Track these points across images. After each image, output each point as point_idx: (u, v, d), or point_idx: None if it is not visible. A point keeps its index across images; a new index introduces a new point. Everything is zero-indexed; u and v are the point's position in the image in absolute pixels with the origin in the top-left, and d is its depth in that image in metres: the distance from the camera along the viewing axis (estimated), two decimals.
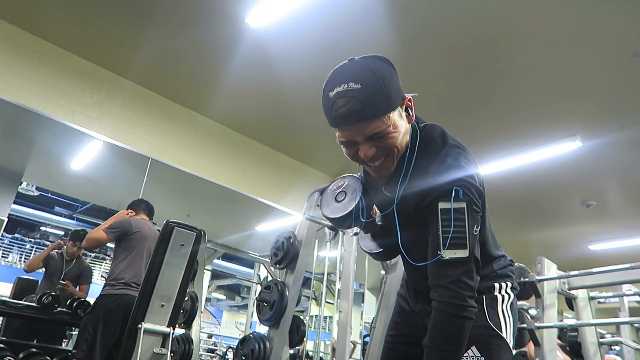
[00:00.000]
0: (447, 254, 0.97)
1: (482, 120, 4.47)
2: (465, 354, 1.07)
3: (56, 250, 4.25)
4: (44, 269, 4.16)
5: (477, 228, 1.02)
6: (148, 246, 3.04)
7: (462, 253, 0.97)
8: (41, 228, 12.18)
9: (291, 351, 3.43)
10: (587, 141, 4.43)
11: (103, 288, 2.97)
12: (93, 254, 12.36)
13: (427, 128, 1.11)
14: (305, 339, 3.32)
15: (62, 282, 3.89)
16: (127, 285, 2.87)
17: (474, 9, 3.19)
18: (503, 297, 1.17)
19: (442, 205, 0.99)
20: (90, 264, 13.01)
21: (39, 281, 4.20)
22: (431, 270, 1.02)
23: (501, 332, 1.13)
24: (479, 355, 1.08)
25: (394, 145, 1.02)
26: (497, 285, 1.18)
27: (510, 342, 1.14)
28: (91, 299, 3.33)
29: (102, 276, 9.87)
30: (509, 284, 1.20)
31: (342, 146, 1.05)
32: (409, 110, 1.05)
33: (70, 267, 4.16)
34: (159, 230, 3.10)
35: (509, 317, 1.16)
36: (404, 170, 1.07)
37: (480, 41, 3.48)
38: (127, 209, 3.32)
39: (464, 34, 3.42)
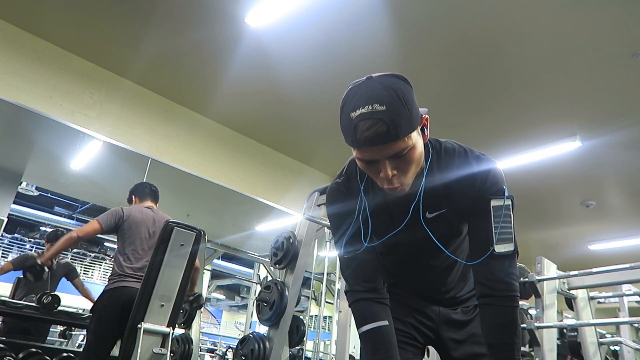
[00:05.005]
0: (499, 248, 1.05)
1: (481, 121, 4.47)
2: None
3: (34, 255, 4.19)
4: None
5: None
6: (142, 231, 2.90)
7: (510, 247, 1.05)
8: (41, 228, 12.13)
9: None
10: (587, 141, 4.43)
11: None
12: (93, 254, 12.34)
13: (444, 142, 1.16)
14: (305, 339, 3.32)
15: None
16: (122, 276, 2.77)
17: (472, 10, 3.19)
18: None
19: (494, 202, 1.06)
20: (90, 264, 12.97)
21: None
22: (481, 265, 1.07)
23: None
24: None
25: (412, 163, 1.03)
26: None
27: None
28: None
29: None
30: None
31: (361, 163, 1.04)
32: (425, 129, 1.07)
33: (53, 270, 4.03)
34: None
35: None
36: (424, 179, 1.10)
37: (479, 42, 3.48)
38: (129, 195, 3.18)
39: (463, 34, 3.42)
